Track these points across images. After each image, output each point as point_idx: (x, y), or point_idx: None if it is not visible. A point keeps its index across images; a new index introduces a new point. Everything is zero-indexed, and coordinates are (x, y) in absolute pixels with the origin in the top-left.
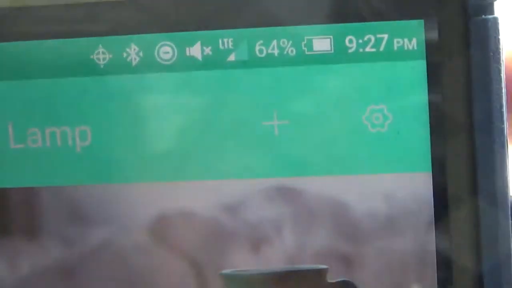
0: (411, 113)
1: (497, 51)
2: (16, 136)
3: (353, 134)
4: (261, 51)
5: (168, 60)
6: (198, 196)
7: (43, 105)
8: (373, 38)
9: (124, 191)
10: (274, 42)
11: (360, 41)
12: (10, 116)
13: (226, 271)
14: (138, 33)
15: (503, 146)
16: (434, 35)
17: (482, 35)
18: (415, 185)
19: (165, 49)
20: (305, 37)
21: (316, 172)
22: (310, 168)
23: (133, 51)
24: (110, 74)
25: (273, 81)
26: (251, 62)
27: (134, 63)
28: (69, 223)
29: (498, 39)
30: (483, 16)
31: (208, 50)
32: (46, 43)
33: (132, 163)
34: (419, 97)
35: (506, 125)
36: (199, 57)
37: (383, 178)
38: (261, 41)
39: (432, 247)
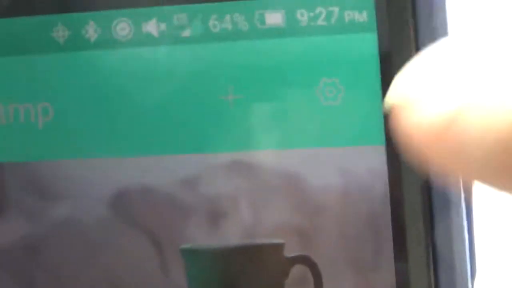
0: (363, 85)
1: (444, 22)
2: None
3: (306, 108)
4: (215, 26)
5: (125, 36)
6: (156, 171)
7: (6, 82)
8: (324, 11)
9: (84, 167)
10: (228, 17)
11: (312, 14)
12: None
13: (185, 245)
14: (96, 10)
15: None
16: (384, 6)
17: (428, 7)
18: (369, 158)
19: (122, 25)
20: (257, 12)
21: (271, 146)
22: (265, 142)
23: (91, 28)
24: (70, 50)
25: (227, 56)
26: (206, 37)
27: (92, 39)
28: (31, 198)
29: (445, 9)
30: None
31: (163, 26)
32: (6, 21)
33: (92, 139)
34: (371, 70)
35: None
36: (155, 33)
37: (337, 151)
38: (215, 16)
39: (388, 220)
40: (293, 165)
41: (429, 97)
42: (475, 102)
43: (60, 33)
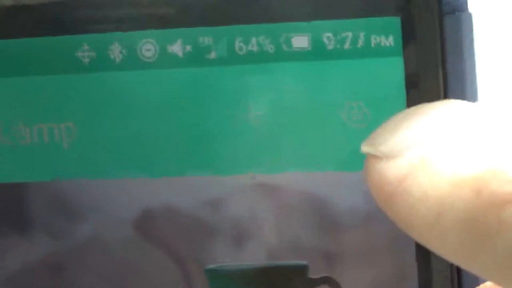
0: (389, 108)
1: (471, 47)
2: (4, 133)
3: (331, 131)
4: (240, 48)
5: (150, 58)
6: (180, 192)
7: (31, 102)
8: (350, 35)
9: (109, 187)
10: (254, 40)
11: (338, 38)
12: None
13: (210, 266)
14: (121, 31)
15: None
16: (410, 31)
17: (456, 31)
18: None
19: (148, 47)
20: (284, 35)
21: (295, 168)
22: (289, 164)
23: (116, 49)
24: (95, 71)
25: (252, 78)
26: (231, 59)
27: (117, 60)
28: (56, 218)
29: (472, 35)
30: (456, 13)
31: (188, 48)
32: (32, 41)
33: (117, 159)
34: (397, 93)
35: None
36: (180, 54)
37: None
38: (241, 39)
39: (411, 243)
40: (317, 187)
41: (390, 154)
42: (424, 166)
43: (85, 53)
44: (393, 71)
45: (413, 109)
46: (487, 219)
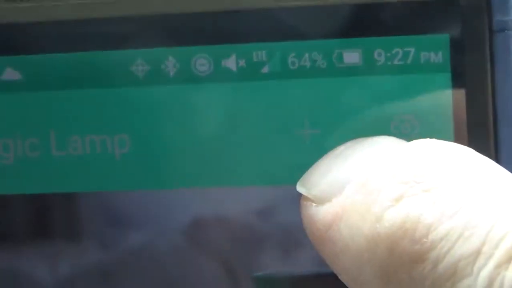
0: (437, 122)
1: None
2: (58, 144)
3: None
4: (293, 63)
5: (204, 72)
6: (231, 202)
7: (85, 114)
8: (400, 52)
9: (160, 197)
10: (306, 55)
11: (388, 54)
12: (52, 124)
13: (259, 273)
14: (175, 46)
15: None
16: (459, 49)
17: (506, 49)
18: None
19: (201, 61)
20: (336, 50)
21: None
22: None
23: (170, 63)
24: (148, 85)
25: (305, 92)
26: (284, 74)
27: (171, 74)
28: (108, 227)
29: None
30: (506, 31)
31: (242, 63)
32: (87, 55)
33: (169, 170)
34: (445, 108)
35: None
36: (234, 68)
37: None
38: (294, 54)
39: None
40: None
41: (319, 199)
42: (348, 212)
43: (140, 67)
44: (441, 86)
45: (347, 147)
46: (400, 276)
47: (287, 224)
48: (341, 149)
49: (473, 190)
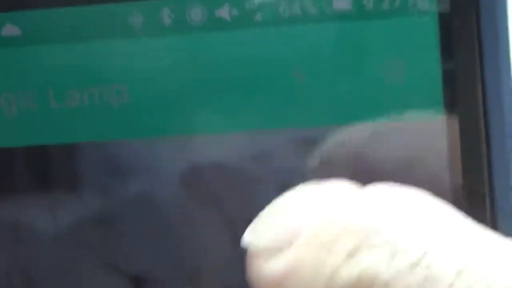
0: (424, 66)
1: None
2: (57, 96)
3: (371, 87)
4: (284, 10)
5: (198, 21)
6: (227, 148)
7: (84, 66)
8: None
9: (157, 145)
10: (297, 2)
11: None
12: (51, 77)
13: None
14: None
15: None
16: None
17: None
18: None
19: (195, 11)
20: None
21: (336, 122)
22: (330, 118)
23: (165, 14)
24: (144, 35)
25: (296, 39)
26: (276, 21)
27: (167, 24)
28: (105, 176)
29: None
30: None
31: (235, 11)
32: (84, 9)
33: (166, 118)
34: (432, 51)
35: None
36: (228, 18)
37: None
38: (285, 1)
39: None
40: (358, 140)
41: (267, 253)
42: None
43: (135, 19)
44: (428, 29)
45: (298, 194)
46: None
47: (285, 169)
48: (290, 196)
49: (432, 242)
